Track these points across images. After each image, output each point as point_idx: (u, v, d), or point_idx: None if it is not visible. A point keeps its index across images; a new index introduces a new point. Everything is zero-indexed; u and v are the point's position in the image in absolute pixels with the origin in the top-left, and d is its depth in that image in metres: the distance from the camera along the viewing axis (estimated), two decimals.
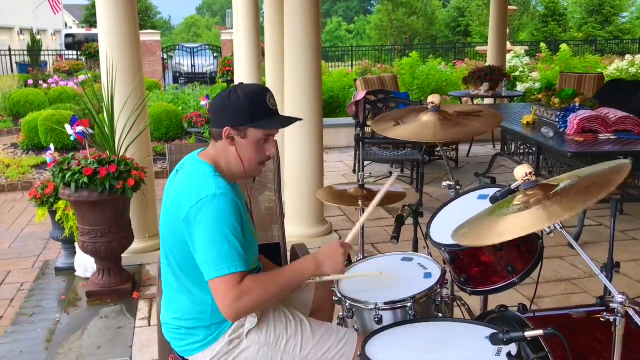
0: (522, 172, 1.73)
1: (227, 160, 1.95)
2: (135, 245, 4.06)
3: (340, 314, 2.23)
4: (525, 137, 5.09)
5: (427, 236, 2.25)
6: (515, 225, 1.59)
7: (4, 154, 10.06)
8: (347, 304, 2.09)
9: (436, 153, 7.53)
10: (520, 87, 10.28)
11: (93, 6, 36.09)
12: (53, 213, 4.50)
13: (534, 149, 5.41)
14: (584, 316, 2.10)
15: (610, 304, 1.65)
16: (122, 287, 3.92)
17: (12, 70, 18.52)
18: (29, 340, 3.71)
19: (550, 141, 4.55)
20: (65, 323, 3.66)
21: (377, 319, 2.02)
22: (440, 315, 2.12)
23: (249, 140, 1.92)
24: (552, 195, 1.64)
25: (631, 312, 1.65)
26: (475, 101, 8.78)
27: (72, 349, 3.30)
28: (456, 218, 1.98)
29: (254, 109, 1.90)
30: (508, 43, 14.86)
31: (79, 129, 3.69)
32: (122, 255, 3.99)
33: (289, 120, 2.03)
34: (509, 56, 11.86)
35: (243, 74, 7.33)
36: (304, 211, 4.53)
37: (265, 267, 2.28)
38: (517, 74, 10.96)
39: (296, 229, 4.55)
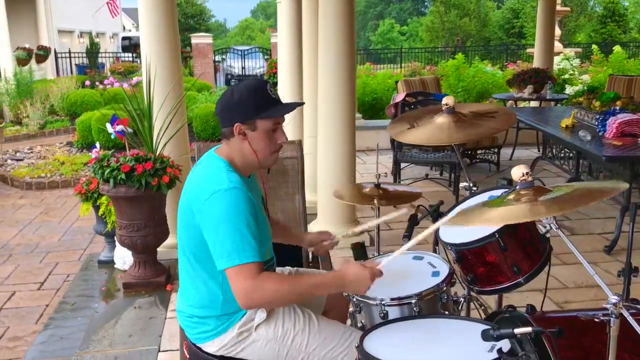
0: (519, 172, 1.76)
1: (241, 155, 2.03)
2: (171, 239, 4.21)
3: (350, 309, 2.29)
4: (562, 140, 5.01)
5: (436, 235, 2.29)
6: (499, 215, 1.64)
7: (59, 152, 10.53)
8: (355, 300, 2.16)
9: (477, 156, 7.47)
10: (570, 90, 10.05)
11: None
12: (97, 208, 4.72)
13: (574, 153, 5.33)
14: (591, 319, 2.10)
15: (604, 305, 1.66)
16: (157, 279, 4.09)
17: (71, 72, 19.30)
18: (69, 327, 3.92)
19: (587, 145, 4.47)
20: (102, 312, 3.85)
21: (382, 315, 2.07)
22: (447, 313, 2.15)
23: (260, 131, 2.01)
24: (542, 197, 1.66)
25: (625, 314, 1.66)
26: (520, 104, 8.65)
27: (105, 336, 3.48)
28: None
29: (258, 101, 1.99)
30: (560, 45, 14.53)
31: (119, 127, 3.87)
32: (158, 249, 4.16)
33: (293, 106, 2.12)
34: (558, 58, 11.59)
35: (285, 75, 7.46)
36: (334, 210, 4.59)
37: (279, 231, 2.39)
38: (566, 76, 10.72)
39: (326, 227, 4.59)
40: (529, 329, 1.61)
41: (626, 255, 2.61)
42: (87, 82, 14.67)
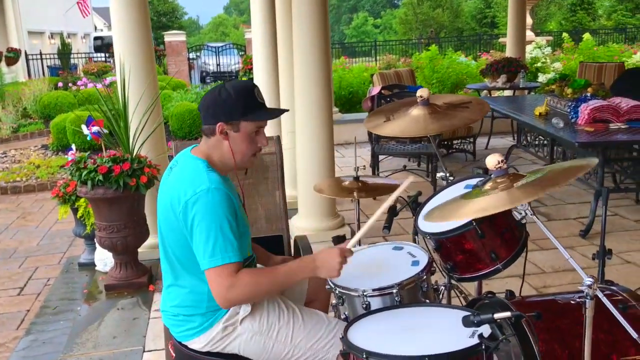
0: (494, 160, 1.80)
1: (220, 154, 2.04)
2: (151, 240, 4.20)
3: (333, 301, 2.32)
4: (536, 128, 5.09)
5: (415, 225, 2.32)
6: (479, 207, 1.67)
7: (34, 155, 10.39)
8: (337, 292, 2.19)
9: (454, 146, 7.55)
10: (542, 79, 10.18)
11: None
12: (75, 210, 4.68)
13: (548, 140, 5.42)
14: (568, 301, 2.15)
15: (579, 287, 1.71)
16: (139, 280, 4.08)
17: (43, 74, 19.01)
18: (51, 331, 3.89)
19: (561, 132, 4.55)
20: (84, 315, 3.83)
21: (365, 305, 2.10)
22: (428, 301, 2.19)
23: (242, 133, 2.02)
24: (518, 183, 1.70)
25: (599, 295, 1.71)
26: (494, 93, 8.75)
27: (89, 339, 3.47)
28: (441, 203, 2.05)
29: (245, 103, 2.00)
30: (532, 34, 14.69)
31: (95, 129, 3.85)
32: (139, 249, 4.14)
33: (278, 112, 2.17)
34: (530, 47, 11.72)
35: (260, 71, 7.45)
36: (315, 204, 4.62)
37: (261, 257, 2.38)
38: (538, 65, 10.86)
39: (307, 222, 4.65)
40: (508, 314, 1.65)
41: (600, 238, 2.68)
42: (60, 84, 14.47)
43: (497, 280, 3.64)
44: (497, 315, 1.64)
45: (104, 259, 4.36)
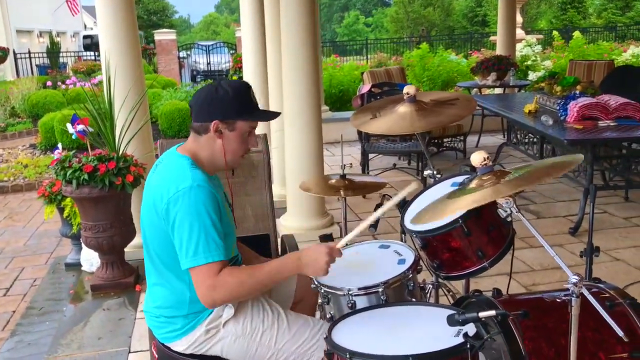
0: (479, 157, 1.78)
1: (210, 152, 2.01)
2: (138, 239, 4.15)
3: (319, 300, 2.29)
4: (525, 125, 5.09)
5: (401, 223, 2.30)
6: (464, 202, 1.65)
7: (22, 155, 10.30)
8: (323, 291, 2.16)
9: (444, 144, 7.54)
10: (533, 77, 10.21)
11: None
12: (61, 210, 4.63)
13: (538, 138, 5.41)
14: (555, 299, 2.14)
15: (565, 285, 1.69)
16: (125, 280, 4.03)
17: (32, 73, 18.87)
18: (37, 332, 3.84)
19: (550, 129, 4.55)
20: (70, 315, 3.79)
21: (350, 305, 2.08)
22: (414, 300, 2.17)
23: (237, 132, 1.99)
24: (504, 179, 1.69)
25: (585, 293, 1.69)
26: (485, 91, 8.75)
27: (74, 340, 3.42)
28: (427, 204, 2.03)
29: (242, 103, 1.98)
30: (522, 32, 14.73)
31: (79, 127, 3.80)
32: (125, 249, 4.10)
33: (272, 114, 2.15)
34: (520, 45, 11.75)
35: (250, 70, 7.42)
36: (303, 203, 4.59)
37: (247, 256, 2.35)
38: (529, 63, 10.88)
39: (296, 220, 4.62)
40: (492, 312, 1.63)
41: (587, 236, 2.66)
42: (49, 83, 14.36)
43: (486, 279, 3.63)
44: (482, 314, 1.62)
45: (90, 259, 4.32)
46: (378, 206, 2.62)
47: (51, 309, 4.17)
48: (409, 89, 2.44)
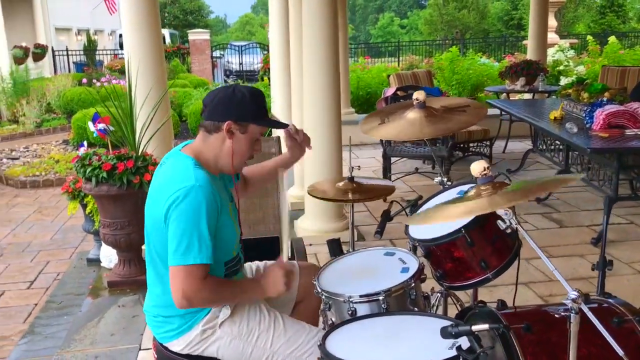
0: (479, 167, 1.75)
1: (217, 152, 2.02)
2: None
3: (322, 306, 2.28)
4: (549, 132, 4.99)
5: (406, 231, 2.28)
6: (459, 210, 1.63)
7: (55, 150, 10.54)
8: (324, 297, 2.15)
9: (470, 149, 7.44)
10: (564, 82, 10.00)
11: None
12: (84, 206, 4.71)
13: (564, 145, 5.30)
14: (561, 313, 2.09)
15: (563, 301, 1.65)
16: (142, 277, 4.07)
17: (69, 70, 19.29)
18: (54, 326, 3.93)
19: (574, 137, 4.45)
20: (85, 311, 3.85)
21: (350, 312, 2.06)
22: (416, 309, 2.14)
23: (248, 135, 2.01)
24: (502, 190, 1.65)
25: (584, 309, 1.64)
26: (514, 96, 8.62)
27: (87, 335, 3.48)
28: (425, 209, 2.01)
29: (257, 107, 2.01)
30: (556, 36, 14.46)
31: (100, 126, 3.86)
32: (142, 247, 4.15)
33: (281, 124, 2.21)
34: (552, 50, 11.53)
35: (276, 71, 7.46)
36: (321, 205, 4.57)
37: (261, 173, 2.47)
38: (561, 68, 10.67)
39: (313, 223, 4.62)
40: (486, 326, 1.60)
41: (601, 247, 2.59)
42: (85, 80, 14.65)
43: (502, 288, 3.57)
44: (475, 328, 1.59)
45: (109, 256, 4.39)
46: (385, 212, 2.61)
47: (70, 304, 4.25)
48: (418, 95, 2.41)
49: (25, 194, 8.30)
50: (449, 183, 2.60)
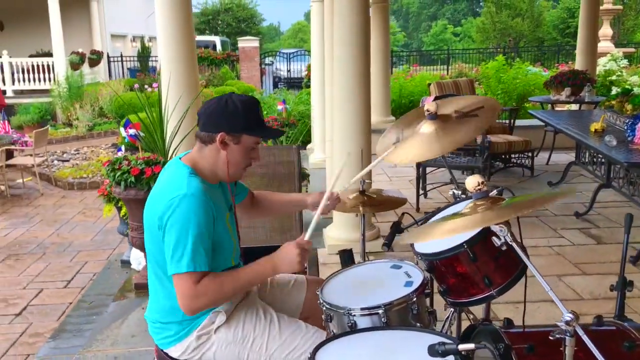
0: (474, 182, 1.70)
1: (212, 162, 2.04)
2: None
3: (323, 317, 2.26)
4: (588, 145, 4.82)
5: (410, 244, 2.23)
6: (449, 227, 1.59)
7: (104, 153, 10.87)
8: (325, 308, 2.13)
9: (511, 160, 7.27)
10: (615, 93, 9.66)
11: (203, 14, 37.95)
12: (119, 209, 4.84)
13: (605, 158, 5.11)
14: (556, 336, 2.00)
15: (557, 323, 1.59)
16: None
17: (123, 75, 19.88)
18: (83, 325, 4.04)
19: (613, 150, 4.29)
20: (111, 312, 3.95)
21: (350, 324, 2.04)
22: (419, 325, 2.10)
23: (241, 146, 2.02)
24: (497, 206, 1.60)
25: (579, 332, 1.57)
26: (561, 107, 8.38)
27: (109, 336, 3.56)
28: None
29: (249, 118, 2.01)
30: (611, 45, 14.00)
31: (131, 131, 3.96)
32: None
33: (276, 132, 2.22)
34: (604, 59, 11.16)
35: (315, 80, 7.49)
36: (349, 216, 4.54)
37: (281, 202, 2.50)
38: (613, 78, 10.30)
39: (341, 232, 4.59)
40: (471, 346, 1.55)
41: (620, 268, 2.48)
42: (136, 85, 15.05)
43: (529, 305, 3.46)
44: (461, 347, 1.54)
45: (138, 258, 4.49)
46: (395, 224, 2.57)
47: (100, 304, 4.37)
48: (429, 106, 2.36)
49: (72, 196, 8.60)
50: (463, 196, 2.54)
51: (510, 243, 1.64)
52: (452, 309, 2.54)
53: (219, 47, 24.87)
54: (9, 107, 12.79)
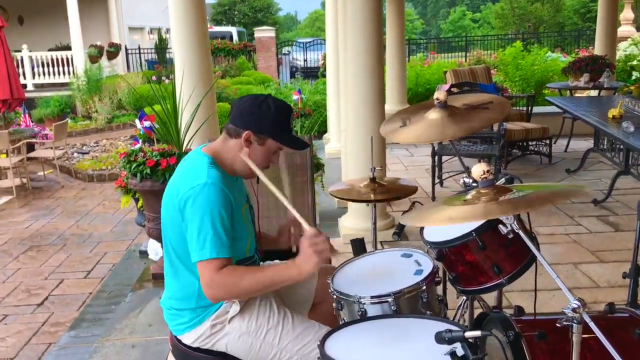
0: (479, 170, 1.70)
1: (233, 156, 2.07)
2: None
3: (334, 305, 2.28)
4: (604, 131, 4.77)
5: (420, 233, 2.24)
6: (449, 214, 1.59)
7: (122, 145, 10.98)
8: (335, 297, 2.15)
9: (529, 147, 7.21)
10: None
11: (220, 4, 37.97)
12: (137, 200, 4.90)
13: (623, 145, 5.05)
14: (563, 323, 2.00)
15: (564, 310, 1.59)
16: None
17: (141, 67, 20.01)
18: (102, 314, 4.12)
19: (630, 137, 4.24)
20: (129, 301, 4.01)
21: (360, 312, 2.06)
22: (429, 313, 2.11)
23: (264, 148, 2.06)
24: (501, 197, 1.60)
25: (586, 319, 1.57)
26: (580, 93, 8.27)
27: (127, 325, 3.62)
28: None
29: (279, 123, 2.05)
30: (633, 29, 13.74)
31: (146, 123, 4.00)
32: None
33: (302, 143, 2.17)
34: (625, 44, 10.97)
35: (330, 70, 7.48)
36: (363, 205, 4.54)
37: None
38: (634, 63, 10.11)
39: (356, 221, 4.61)
40: (477, 333, 1.55)
41: (632, 255, 2.46)
42: (154, 77, 15.16)
43: (544, 293, 3.45)
44: (467, 334, 1.55)
45: (155, 248, 4.55)
46: (405, 213, 2.57)
47: (119, 293, 4.44)
48: (439, 95, 2.36)
49: (91, 187, 8.71)
50: (475, 184, 2.53)
51: (517, 231, 1.64)
52: (464, 297, 2.56)
53: (235, 37, 24.90)
54: (30, 100, 12.96)
